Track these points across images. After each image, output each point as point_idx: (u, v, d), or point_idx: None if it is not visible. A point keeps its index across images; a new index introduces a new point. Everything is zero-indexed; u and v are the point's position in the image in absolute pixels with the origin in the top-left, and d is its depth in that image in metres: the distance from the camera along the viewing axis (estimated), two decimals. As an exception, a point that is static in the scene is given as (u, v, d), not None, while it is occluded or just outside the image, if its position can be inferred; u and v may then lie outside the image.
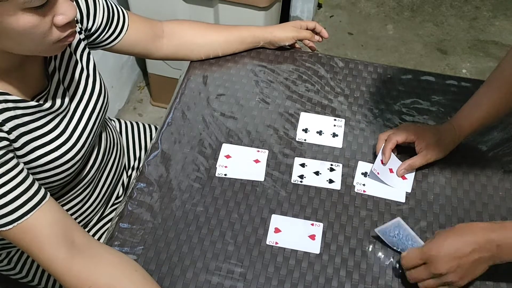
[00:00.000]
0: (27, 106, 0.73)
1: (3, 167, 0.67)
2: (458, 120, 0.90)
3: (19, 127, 0.72)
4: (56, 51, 0.70)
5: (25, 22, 0.61)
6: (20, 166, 0.70)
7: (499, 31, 2.28)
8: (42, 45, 0.66)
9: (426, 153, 0.88)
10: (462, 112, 0.90)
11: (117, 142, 1.00)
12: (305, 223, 0.85)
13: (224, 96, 1.04)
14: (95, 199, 0.94)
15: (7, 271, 0.96)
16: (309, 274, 0.80)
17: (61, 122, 0.79)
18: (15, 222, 0.67)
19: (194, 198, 0.88)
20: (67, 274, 0.69)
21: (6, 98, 0.70)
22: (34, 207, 0.68)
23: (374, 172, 0.89)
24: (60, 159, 0.78)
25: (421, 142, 0.88)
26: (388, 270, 0.80)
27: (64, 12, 0.64)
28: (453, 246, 0.71)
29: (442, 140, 0.89)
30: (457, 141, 0.90)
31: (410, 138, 0.89)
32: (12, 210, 0.67)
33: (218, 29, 1.07)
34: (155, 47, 1.00)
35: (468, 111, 0.89)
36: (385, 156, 0.89)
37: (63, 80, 0.81)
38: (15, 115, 0.71)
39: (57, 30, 0.65)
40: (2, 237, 0.85)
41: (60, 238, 0.69)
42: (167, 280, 0.78)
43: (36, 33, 0.63)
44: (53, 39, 0.66)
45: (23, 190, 0.68)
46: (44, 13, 0.62)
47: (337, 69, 1.10)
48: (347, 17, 2.33)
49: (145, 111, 1.95)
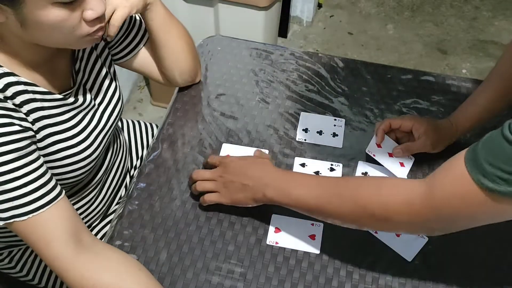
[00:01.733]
0: (53, 98, 0.75)
1: (26, 157, 0.68)
2: (454, 117, 0.91)
3: (43, 119, 0.73)
4: (85, 44, 0.73)
5: (55, 16, 0.63)
6: (41, 160, 0.71)
7: (498, 31, 2.28)
8: (71, 38, 0.68)
9: (425, 139, 0.88)
10: (460, 108, 0.91)
11: (123, 144, 1.00)
12: (305, 223, 0.85)
13: (224, 96, 1.04)
14: (101, 201, 0.95)
15: (8, 269, 0.97)
16: (309, 274, 0.80)
17: (83, 120, 0.81)
18: (31, 213, 0.68)
19: (194, 198, 0.88)
20: (71, 271, 0.69)
21: (34, 89, 0.72)
22: (51, 202, 0.69)
23: (369, 153, 0.90)
24: (77, 155, 0.79)
25: (419, 128, 0.89)
26: (388, 270, 0.80)
27: (93, 7, 0.66)
28: (239, 163, 0.82)
29: (439, 130, 0.89)
30: (454, 136, 0.90)
31: (406, 124, 0.89)
32: (30, 201, 0.68)
33: None
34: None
35: (465, 107, 0.90)
36: (377, 137, 0.90)
37: (87, 80, 0.83)
38: (41, 106, 0.73)
39: (86, 25, 0.67)
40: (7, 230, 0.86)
41: (69, 235, 0.70)
42: (167, 280, 0.78)
43: (65, 27, 0.65)
44: (82, 33, 0.68)
45: (42, 184, 0.69)
46: (73, 7, 0.64)
47: (337, 69, 1.10)
48: (347, 17, 2.33)
49: (145, 110, 1.95)
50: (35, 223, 0.68)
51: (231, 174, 0.81)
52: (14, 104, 0.69)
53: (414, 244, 0.82)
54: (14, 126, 0.67)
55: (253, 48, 1.13)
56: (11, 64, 0.70)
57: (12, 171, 0.66)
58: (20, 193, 0.67)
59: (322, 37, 2.23)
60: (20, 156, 0.67)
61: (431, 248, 0.82)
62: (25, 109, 0.70)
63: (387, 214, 0.67)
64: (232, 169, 0.82)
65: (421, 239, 0.83)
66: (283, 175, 0.80)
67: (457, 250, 0.83)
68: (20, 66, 0.71)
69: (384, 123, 0.90)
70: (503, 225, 0.86)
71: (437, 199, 0.62)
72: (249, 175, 0.80)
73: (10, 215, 0.67)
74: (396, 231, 0.80)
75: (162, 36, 0.90)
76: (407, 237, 0.83)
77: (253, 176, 0.79)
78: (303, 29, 2.26)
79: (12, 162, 0.66)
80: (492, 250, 0.83)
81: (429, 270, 0.80)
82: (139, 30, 0.93)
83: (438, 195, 0.62)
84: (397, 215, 0.66)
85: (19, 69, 0.71)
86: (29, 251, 0.95)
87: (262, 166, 0.81)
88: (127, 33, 0.91)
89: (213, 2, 1.60)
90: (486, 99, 0.87)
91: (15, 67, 0.71)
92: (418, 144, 0.89)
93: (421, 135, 0.88)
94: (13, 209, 0.67)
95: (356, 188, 0.72)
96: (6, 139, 0.66)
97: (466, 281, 0.80)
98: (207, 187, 0.83)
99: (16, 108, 0.69)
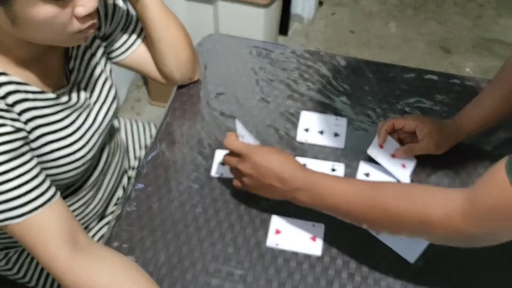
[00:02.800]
0: (46, 98, 0.74)
1: (19, 159, 0.67)
2: (459, 117, 0.89)
3: (37, 119, 0.72)
4: (76, 41, 0.72)
5: (46, 13, 0.62)
6: (35, 161, 0.70)
7: (503, 29, 2.26)
8: (62, 35, 0.67)
9: (428, 140, 0.86)
10: (465, 109, 0.89)
11: (119, 144, 1.00)
12: (306, 224, 0.83)
13: (224, 95, 1.03)
14: (97, 202, 0.94)
15: (5, 271, 0.96)
16: (310, 276, 0.78)
17: (77, 119, 0.80)
18: (26, 215, 0.67)
19: (193, 199, 0.87)
20: (68, 273, 0.68)
21: (27, 89, 0.71)
22: (45, 203, 0.68)
23: (371, 155, 0.88)
24: (72, 155, 0.78)
25: (423, 129, 0.87)
26: (390, 272, 0.79)
27: (84, 4, 0.65)
28: (266, 160, 0.76)
29: (444, 131, 0.87)
30: (458, 137, 0.89)
31: (409, 124, 0.87)
32: (24, 203, 0.67)
33: None
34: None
35: (470, 108, 0.88)
36: (379, 137, 0.88)
37: (82, 79, 0.82)
38: (34, 106, 0.72)
39: (77, 22, 0.66)
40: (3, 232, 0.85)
41: (65, 237, 0.69)
42: (166, 281, 0.77)
43: (56, 24, 0.64)
44: (74, 30, 0.67)
45: (36, 185, 0.68)
46: (64, 4, 0.63)
47: (339, 68, 1.08)
48: (348, 15, 2.31)
49: (143, 110, 1.94)
50: (30, 225, 0.67)
51: (257, 172, 0.77)
52: (7, 104, 0.68)
53: (416, 246, 0.81)
54: (6, 127, 0.66)
55: (253, 46, 1.12)
56: (2, 63, 0.69)
57: (5, 173, 0.65)
58: (13, 195, 0.66)
59: (323, 35, 2.22)
60: (13, 157, 0.66)
61: (434, 250, 0.81)
62: (18, 109, 0.69)
63: (423, 228, 0.65)
64: (258, 167, 0.76)
65: (424, 241, 0.81)
66: (315, 179, 0.75)
67: (459, 252, 0.81)
68: (11, 64, 0.70)
69: (387, 123, 0.88)
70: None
71: (479, 212, 0.60)
72: (278, 177, 0.76)
73: (4, 217, 0.66)
74: (433, 242, 0.77)
75: (160, 29, 0.89)
76: (410, 239, 0.82)
77: (282, 179, 0.75)
78: (304, 27, 2.25)
79: (5, 163, 0.65)
80: (495, 252, 0.82)
81: (432, 272, 0.79)
82: (136, 28, 0.92)
83: (481, 208, 0.59)
84: (434, 229, 0.64)
85: (11, 68, 0.70)
86: (26, 253, 0.94)
87: (288, 165, 0.76)
88: (123, 31, 0.90)
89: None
90: (492, 102, 0.85)
91: (6, 65, 0.70)
92: (422, 146, 0.87)
93: (425, 136, 0.87)
94: (7, 212, 0.66)
95: (388, 201, 0.69)
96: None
97: (468, 284, 0.79)
98: (234, 176, 0.82)
99: (9, 108, 0.68)
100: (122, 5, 0.89)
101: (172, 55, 0.93)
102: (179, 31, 0.93)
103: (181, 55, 0.94)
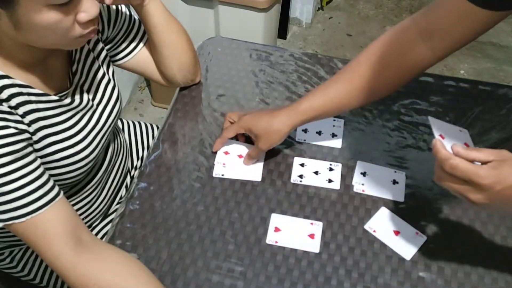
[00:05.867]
0: (49, 100, 0.75)
1: (23, 159, 0.68)
2: (301, 102, 0.88)
3: (40, 120, 0.73)
4: (77, 44, 0.74)
5: (49, 18, 0.64)
6: (38, 161, 0.71)
7: (496, 32, 2.28)
8: (64, 39, 0.69)
9: (257, 143, 0.89)
10: (308, 94, 0.89)
11: (124, 144, 1.01)
12: (304, 222, 0.85)
13: (225, 96, 1.04)
14: (101, 201, 0.95)
15: (9, 269, 0.97)
16: (308, 273, 0.80)
17: (81, 121, 0.81)
18: (30, 215, 0.68)
19: (195, 197, 0.88)
20: (72, 270, 0.70)
21: (29, 91, 0.72)
22: (49, 202, 0.70)
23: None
24: (75, 156, 0.79)
25: (252, 134, 0.90)
26: (387, 269, 0.81)
27: (86, 10, 0.66)
28: None
29: (273, 126, 0.88)
30: (295, 123, 0.88)
31: (240, 131, 0.92)
32: (28, 202, 0.68)
33: None
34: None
35: (313, 94, 0.88)
36: (216, 146, 0.94)
37: (84, 81, 0.83)
38: (37, 108, 0.73)
39: (79, 27, 0.68)
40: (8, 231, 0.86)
41: (69, 235, 0.70)
42: (168, 278, 0.79)
43: (59, 29, 0.66)
44: (75, 35, 0.68)
45: (40, 185, 0.69)
46: (67, 10, 0.65)
47: (336, 70, 1.10)
48: (345, 18, 2.34)
49: (146, 111, 1.95)
50: (34, 224, 0.69)
51: (499, 198, 0.61)
52: (10, 107, 0.69)
53: (412, 243, 0.83)
54: (10, 128, 0.67)
55: (253, 49, 1.13)
56: (5, 66, 0.70)
57: (9, 174, 0.66)
58: (18, 195, 0.67)
59: (321, 39, 2.24)
60: (17, 158, 0.67)
61: (430, 247, 0.83)
62: (21, 111, 0.70)
63: None
64: (499, 195, 0.61)
65: (420, 238, 0.84)
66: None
67: (455, 248, 0.83)
68: (14, 67, 0.71)
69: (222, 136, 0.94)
70: (503, 226, 0.86)
71: None
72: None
73: (9, 217, 0.68)
74: None
75: (163, 34, 0.90)
76: (406, 236, 0.84)
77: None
78: (302, 30, 2.27)
79: (9, 164, 0.66)
80: (491, 249, 0.84)
81: (428, 268, 0.81)
82: (138, 32, 0.93)
83: None
84: None
85: (13, 71, 0.71)
86: (30, 250, 0.95)
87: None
88: (126, 35, 0.92)
89: (213, 3, 1.61)
90: (336, 93, 0.85)
91: (9, 69, 0.71)
92: (254, 151, 0.91)
93: (255, 140, 0.90)
94: (12, 211, 0.67)
95: None
96: (1, 142, 0.66)
97: (464, 280, 0.80)
98: None
99: (12, 110, 0.69)
100: (125, 9, 0.91)
101: (174, 58, 0.94)
102: (181, 35, 0.94)
103: (183, 59, 0.96)
